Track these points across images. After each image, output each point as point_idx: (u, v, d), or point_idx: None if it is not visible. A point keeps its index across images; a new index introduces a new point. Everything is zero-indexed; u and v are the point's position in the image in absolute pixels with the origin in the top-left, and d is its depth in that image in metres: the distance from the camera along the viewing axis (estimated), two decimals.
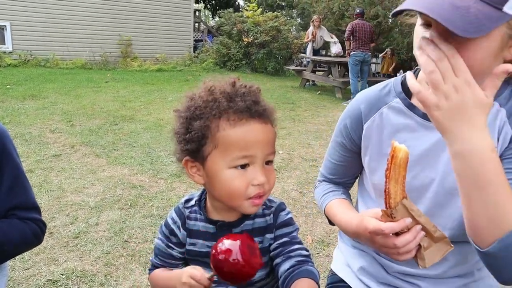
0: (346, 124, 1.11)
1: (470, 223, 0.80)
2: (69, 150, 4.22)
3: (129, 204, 3.06)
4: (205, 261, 0.94)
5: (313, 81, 10.85)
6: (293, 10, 26.01)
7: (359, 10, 8.74)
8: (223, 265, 0.77)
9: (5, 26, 10.82)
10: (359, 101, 1.08)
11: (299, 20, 24.16)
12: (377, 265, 1.11)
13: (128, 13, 12.61)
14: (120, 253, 2.42)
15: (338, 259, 1.26)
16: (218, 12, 15.13)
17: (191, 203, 0.97)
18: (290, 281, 0.85)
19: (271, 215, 0.95)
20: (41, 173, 3.54)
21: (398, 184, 0.80)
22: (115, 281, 2.16)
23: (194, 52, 14.14)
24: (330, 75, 9.86)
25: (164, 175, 3.67)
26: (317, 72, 11.04)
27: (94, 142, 4.52)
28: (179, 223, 0.95)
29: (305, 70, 10.37)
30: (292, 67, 12.22)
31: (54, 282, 2.13)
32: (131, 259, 2.37)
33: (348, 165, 1.18)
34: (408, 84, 0.76)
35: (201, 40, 15.81)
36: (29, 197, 1.11)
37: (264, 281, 0.98)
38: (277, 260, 0.91)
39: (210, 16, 28.45)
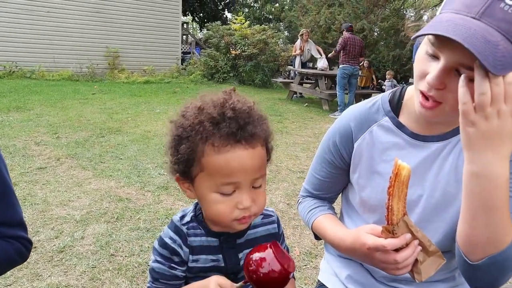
0: (335, 142, 1.10)
1: (468, 238, 0.83)
2: (55, 163, 4.17)
3: (116, 217, 3.03)
4: (208, 276, 0.91)
5: (301, 94, 10.95)
6: (281, 23, 26.37)
7: (348, 25, 8.90)
8: (261, 277, 0.79)
9: None
10: (348, 119, 1.09)
11: (287, 33, 24.48)
12: (364, 272, 1.12)
13: (116, 25, 12.61)
14: (106, 267, 2.39)
15: (325, 270, 1.27)
16: (206, 25, 15.22)
17: (187, 219, 0.94)
18: None
19: (274, 225, 1.00)
20: (25, 186, 3.49)
21: (401, 201, 0.82)
22: None
23: (182, 64, 14.18)
24: (317, 88, 9.97)
25: (151, 188, 3.65)
26: (304, 85, 11.15)
27: (80, 155, 4.47)
28: (180, 241, 0.91)
29: (293, 83, 10.47)
30: (280, 80, 12.34)
31: None
32: (117, 273, 2.33)
33: (334, 181, 1.18)
34: (460, 91, 0.73)
35: (189, 53, 15.88)
36: (16, 214, 1.06)
37: None
38: None
39: (198, 29, 28.63)
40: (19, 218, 1.07)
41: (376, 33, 17.47)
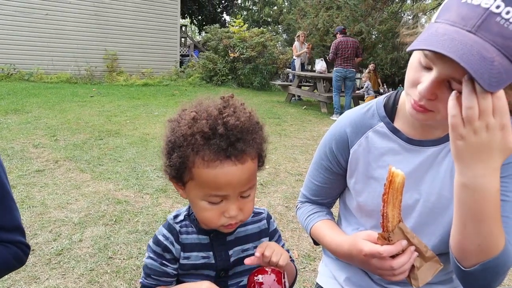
0: (332, 148, 1.11)
1: (459, 246, 0.84)
2: (53, 165, 4.16)
3: (114, 220, 3.02)
4: (200, 273, 0.96)
5: (299, 96, 10.97)
6: (279, 26, 26.44)
7: (341, 28, 8.91)
8: None
9: None
10: (344, 125, 1.09)
11: (285, 36, 24.53)
12: (362, 274, 1.13)
13: (114, 28, 12.62)
14: (105, 270, 2.38)
15: (324, 273, 1.27)
16: (205, 28, 15.21)
17: (180, 218, 0.98)
18: None
19: (264, 221, 1.02)
20: (23, 189, 3.48)
21: (395, 208, 0.82)
22: None
23: (181, 67, 14.18)
24: (316, 90, 9.99)
25: (150, 190, 3.64)
26: (303, 87, 11.18)
27: (79, 157, 4.47)
28: (172, 239, 0.95)
29: (291, 85, 10.49)
30: (278, 82, 12.36)
31: None
32: (116, 276, 2.33)
33: (332, 187, 1.19)
34: (449, 104, 0.73)
35: (188, 55, 15.89)
36: (13, 219, 1.06)
37: None
38: None
39: (197, 31, 28.66)
40: (17, 223, 1.07)
41: (374, 36, 17.51)
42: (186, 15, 23.70)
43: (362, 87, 11.36)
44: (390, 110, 1.04)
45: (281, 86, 11.51)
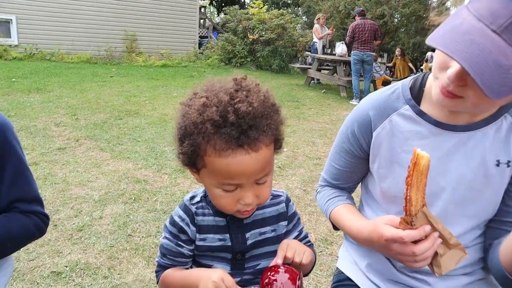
0: (354, 130, 1.08)
1: None
2: (74, 144, 4.23)
3: (133, 199, 3.07)
4: (216, 255, 0.96)
5: (318, 80, 10.83)
6: (299, 8, 25.98)
7: (360, 10, 8.69)
8: None
9: (11, 20, 10.84)
10: (367, 107, 1.05)
11: (305, 18, 24.11)
12: (385, 261, 1.10)
13: (134, 8, 12.61)
14: (124, 247, 2.42)
15: (344, 258, 1.25)
16: (224, 9, 15.07)
17: (197, 199, 0.97)
18: None
19: (283, 204, 1.00)
20: (46, 166, 3.55)
21: (419, 192, 0.79)
22: (119, 275, 2.17)
23: (199, 49, 14.13)
24: (335, 74, 9.84)
25: (168, 170, 3.68)
26: (322, 71, 11.01)
27: (99, 136, 4.53)
28: (188, 220, 0.94)
29: (310, 68, 10.35)
30: (297, 65, 12.20)
31: (58, 274, 2.13)
32: (135, 253, 2.37)
33: (354, 171, 1.16)
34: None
35: (206, 37, 15.79)
36: (32, 190, 1.10)
37: None
38: None
39: (216, 13, 28.44)
40: (36, 194, 1.11)
41: (397, 20, 17.06)
42: None
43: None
44: (417, 93, 1.00)
45: (300, 69, 11.37)
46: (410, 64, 13.07)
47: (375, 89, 9.57)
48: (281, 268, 0.86)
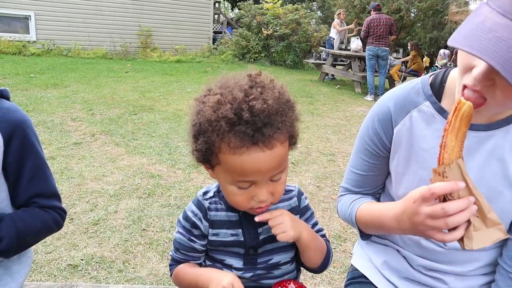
0: (375, 128, 1.04)
1: None
2: (90, 139, 4.29)
3: (147, 193, 3.10)
4: (229, 250, 0.96)
5: (333, 75, 10.74)
6: (313, 3, 25.76)
7: (375, 4, 8.57)
8: None
9: (30, 16, 11.02)
10: (387, 101, 1.03)
11: (319, 13, 23.92)
12: (401, 259, 1.08)
13: (149, 4, 12.68)
14: (138, 241, 2.45)
15: (359, 255, 1.23)
16: (238, 4, 15.06)
17: (210, 195, 0.98)
18: None
19: (295, 199, 1.01)
20: (62, 160, 3.61)
21: (458, 140, 0.72)
22: (133, 268, 2.20)
23: (213, 44, 14.14)
24: (350, 70, 9.74)
25: (182, 166, 3.70)
26: (337, 66, 10.92)
27: (114, 131, 4.58)
28: (200, 215, 0.95)
29: (325, 64, 10.27)
30: (312, 61, 12.11)
31: (75, 267, 2.17)
32: (149, 247, 2.40)
33: (377, 174, 1.10)
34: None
35: (220, 32, 15.79)
36: (50, 185, 1.12)
37: (288, 265, 1.00)
38: None
39: (230, 8, 28.40)
40: (54, 189, 1.13)
41: (413, 14, 16.78)
42: None
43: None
44: (437, 89, 0.97)
45: (315, 65, 11.29)
46: (424, 60, 12.85)
47: (390, 85, 9.46)
48: (291, 285, 0.87)
